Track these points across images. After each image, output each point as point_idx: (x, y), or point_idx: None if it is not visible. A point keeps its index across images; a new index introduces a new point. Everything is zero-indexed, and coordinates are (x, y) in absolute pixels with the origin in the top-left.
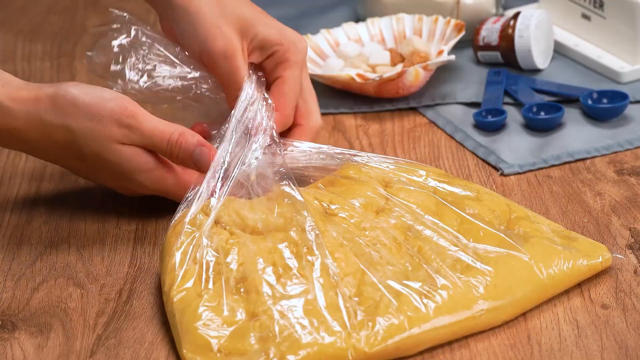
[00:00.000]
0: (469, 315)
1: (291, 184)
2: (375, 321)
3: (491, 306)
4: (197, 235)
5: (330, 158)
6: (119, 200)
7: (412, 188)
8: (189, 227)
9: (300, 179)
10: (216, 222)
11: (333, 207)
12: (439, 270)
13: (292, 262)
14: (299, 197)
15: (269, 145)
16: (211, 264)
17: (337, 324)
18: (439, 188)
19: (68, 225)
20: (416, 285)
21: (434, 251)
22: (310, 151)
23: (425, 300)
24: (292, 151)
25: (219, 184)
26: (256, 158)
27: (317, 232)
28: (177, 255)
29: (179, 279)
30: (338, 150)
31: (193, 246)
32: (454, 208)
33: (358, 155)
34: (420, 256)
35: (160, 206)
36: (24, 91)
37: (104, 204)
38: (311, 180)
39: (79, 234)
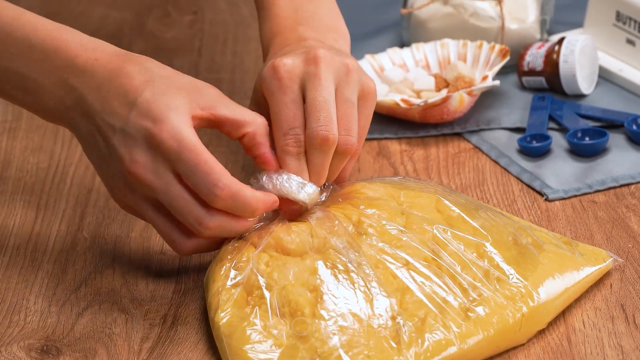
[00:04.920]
0: (510, 327)
1: (322, 203)
2: (424, 338)
3: (528, 317)
4: (239, 259)
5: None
6: None
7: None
8: (232, 251)
9: None
10: (253, 245)
11: (364, 224)
12: (475, 285)
13: (334, 283)
14: (331, 217)
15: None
16: (255, 287)
17: (386, 342)
18: (441, 199)
19: (112, 251)
20: (458, 299)
21: (466, 263)
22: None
23: (470, 315)
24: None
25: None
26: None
27: (355, 250)
28: (221, 279)
29: (224, 302)
30: None
31: (236, 270)
32: (467, 218)
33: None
34: (455, 269)
35: None
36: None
37: (149, 229)
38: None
39: (124, 259)
